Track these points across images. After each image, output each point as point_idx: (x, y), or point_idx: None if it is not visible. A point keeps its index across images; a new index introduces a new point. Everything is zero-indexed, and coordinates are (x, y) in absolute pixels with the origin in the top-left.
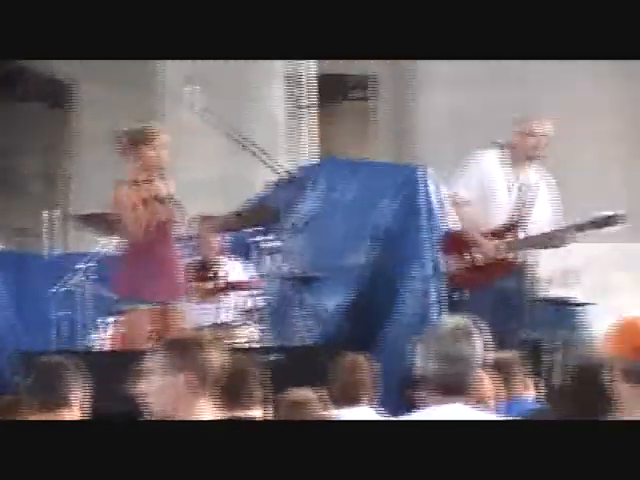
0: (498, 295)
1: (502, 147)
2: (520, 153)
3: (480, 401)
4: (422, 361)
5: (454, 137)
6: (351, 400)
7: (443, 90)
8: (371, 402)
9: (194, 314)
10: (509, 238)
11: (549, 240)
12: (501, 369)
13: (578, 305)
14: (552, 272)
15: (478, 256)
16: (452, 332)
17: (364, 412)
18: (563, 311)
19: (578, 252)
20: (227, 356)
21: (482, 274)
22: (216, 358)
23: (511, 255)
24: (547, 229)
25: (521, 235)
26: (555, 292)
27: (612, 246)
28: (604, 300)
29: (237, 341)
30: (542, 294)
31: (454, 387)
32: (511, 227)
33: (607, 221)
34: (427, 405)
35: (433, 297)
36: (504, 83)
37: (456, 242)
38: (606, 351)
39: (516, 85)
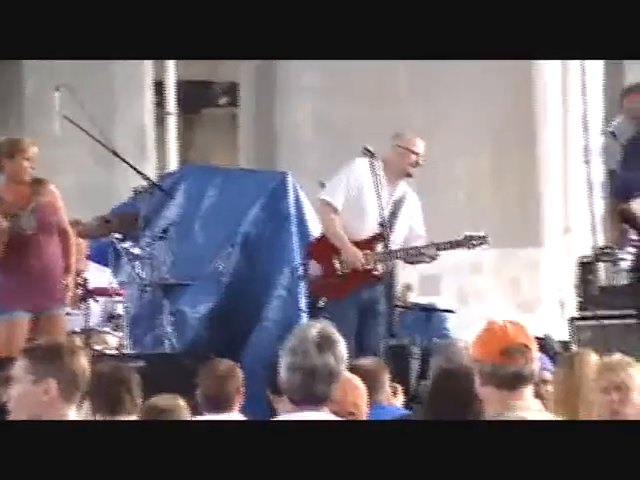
0: (362, 302)
1: (373, 155)
2: (397, 168)
3: (345, 409)
4: (285, 369)
5: (317, 145)
6: (218, 407)
7: (307, 98)
8: (238, 409)
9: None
10: (377, 249)
11: (413, 256)
12: (366, 377)
13: (439, 311)
14: (413, 279)
15: (344, 264)
16: (315, 340)
17: (231, 419)
18: (425, 317)
19: (439, 259)
20: (93, 362)
21: (346, 282)
22: (81, 365)
23: (377, 266)
24: (412, 244)
25: (389, 248)
26: (417, 299)
27: (472, 252)
28: (465, 306)
29: (105, 347)
30: (405, 301)
31: (317, 395)
32: (380, 239)
33: (468, 242)
34: (290, 413)
35: (300, 304)
36: (367, 93)
37: (322, 249)
38: (473, 355)
39: (380, 96)
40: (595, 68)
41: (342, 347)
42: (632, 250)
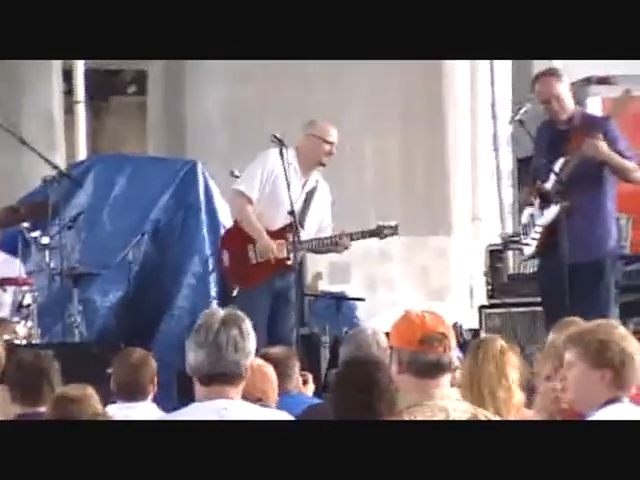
0: (274, 291)
1: (283, 144)
2: (311, 157)
3: (253, 394)
4: (191, 349)
5: (227, 131)
6: (132, 395)
7: (217, 85)
8: (150, 397)
9: None
10: (290, 239)
11: (326, 245)
12: (276, 365)
13: (349, 299)
14: (323, 267)
15: (257, 254)
16: (220, 318)
17: (145, 407)
18: (336, 306)
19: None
20: (11, 351)
21: (259, 272)
22: None
23: (290, 256)
24: (324, 234)
25: (301, 237)
26: (327, 287)
27: (383, 241)
28: (375, 294)
29: (14, 337)
30: (315, 289)
31: (225, 373)
32: (293, 228)
33: (379, 231)
34: (200, 400)
35: (210, 292)
36: (279, 80)
37: (236, 239)
38: (391, 343)
39: (292, 83)
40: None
41: (248, 324)
42: (535, 236)
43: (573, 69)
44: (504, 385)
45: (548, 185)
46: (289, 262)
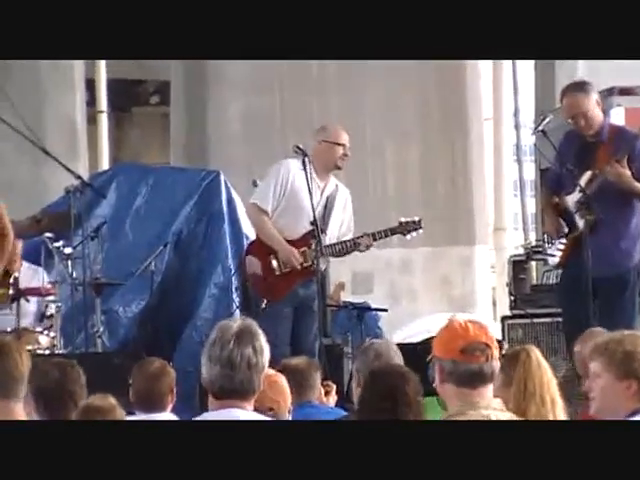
0: (298, 300)
1: (305, 154)
2: (326, 163)
3: (264, 404)
4: (205, 362)
5: (248, 143)
6: (150, 406)
7: (238, 96)
8: (170, 408)
9: None
10: (313, 246)
11: (349, 248)
12: (296, 375)
13: (372, 310)
14: (346, 278)
15: (281, 264)
16: (233, 333)
17: (164, 418)
18: (358, 316)
19: (371, 257)
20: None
21: (285, 282)
22: (15, 362)
23: (313, 262)
24: (346, 237)
25: (323, 243)
26: (349, 298)
27: (403, 251)
28: (397, 304)
29: (37, 347)
30: (337, 300)
31: (238, 389)
32: (315, 235)
33: (403, 228)
34: (214, 409)
35: (232, 303)
36: (299, 91)
37: (259, 251)
38: (433, 353)
39: (312, 94)
40: (526, 68)
41: (262, 339)
42: (561, 247)
43: (596, 80)
44: (552, 392)
45: (572, 197)
46: (310, 269)
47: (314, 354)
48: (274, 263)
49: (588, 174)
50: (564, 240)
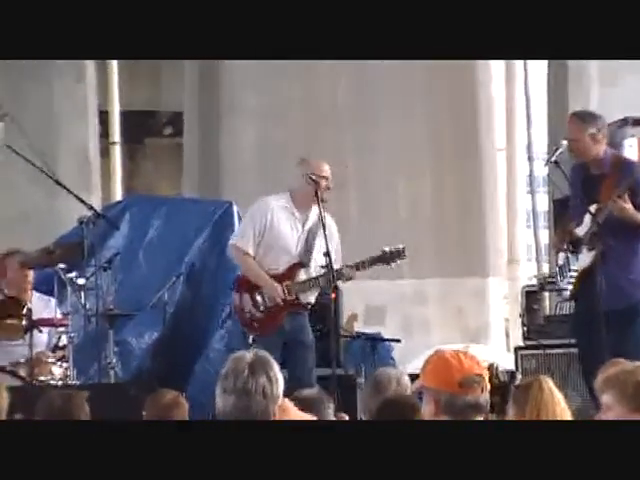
0: (285, 334)
1: (319, 185)
2: (308, 196)
3: None
4: (219, 394)
5: (261, 173)
6: None
7: (250, 126)
8: None
9: (7, 351)
10: (298, 279)
11: (329, 280)
12: (308, 407)
13: (385, 341)
14: (359, 309)
15: (266, 299)
16: (247, 363)
17: None
18: (371, 347)
19: (383, 289)
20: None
21: (272, 316)
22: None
23: (297, 296)
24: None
25: (307, 275)
26: (362, 329)
27: (416, 282)
28: (410, 336)
29: (50, 378)
30: (350, 330)
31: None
32: (299, 267)
33: (385, 256)
34: None
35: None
36: (311, 120)
37: (246, 287)
38: (427, 385)
39: (324, 124)
40: (539, 98)
41: (276, 369)
42: (571, 280)
43: (609, 111)
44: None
45: (581, 229)
46: (301, 302)
47: (312, 385)
48: (259, 299)
49: (594, 206)
50: (574, 274)
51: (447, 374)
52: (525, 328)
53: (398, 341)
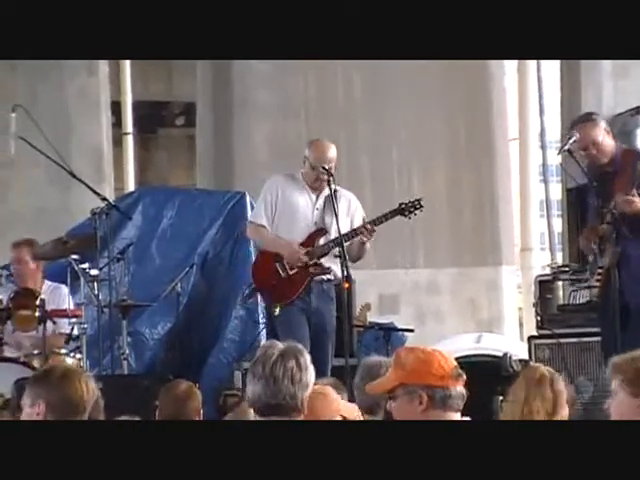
0: (311, 312)
1: (331, 175)
2: (311, 181)
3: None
4: (249, 381)
5: (274, 166)
6: None
7: (263, 120)
8: None
9: (21, 342)
10: (316, 244)
11: (352, 238)
12: None
13: (399, 330)
14: (372, 299)
15: (287, 265)
16: (277, 350)
17: None
18: (384, 337)
19: (397, 279)
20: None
21: (293, 282)
22: (73, 386)
23: (318, 260)
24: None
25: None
26: (375, 319)
27: (430, 272)
28: (423, 326)
29: None
30: (363, 320)
31: (281, 404)
32: (319, 234)
33: (403, 209)
34: None
35: (258, 324)
36: (324, 114)
37: (264, 264)
38: (420, 382)
39: (337, 119)
40: (552, 87)
41: (307, 357)
42: (599, 277)
43: (622, 100)
44: (559, 412)
45: (604, 227)
46: (316, 266)
47: (326, 374)
48: (279, 267)
49: (612, 204)
50: (600, 270)
51: (438, 369)
52: (539, 317)
53: (411, 331)
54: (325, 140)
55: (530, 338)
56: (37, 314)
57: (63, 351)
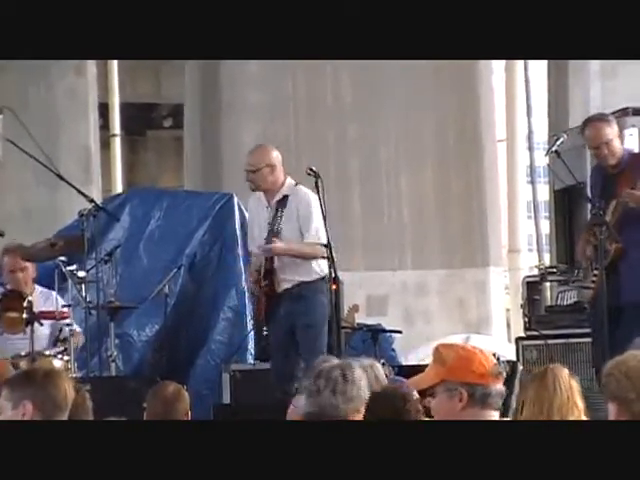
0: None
1: (318, 176)
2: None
3: None
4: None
5: None
6: None
7: (251, 121)
8: None
9: (8, 344)
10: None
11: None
12: None
13: (386, 332)
14: (360, 300)
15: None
16: (327, 367)
17: None
18: (372, 338)
19: (385, 280)
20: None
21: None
22: (58, 385)
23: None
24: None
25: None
26: (363, 320)
27: (417, 273)
28: (412, 327)
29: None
30: (351, 322)
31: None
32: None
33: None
34: None
35: (246, 325)
36: (312, 116)
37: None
38: (460, 379)
39: (327, 119)
40: (539, 88)
41: (356, 371)
42: (594, 279)
43: (610, 101)
44: (575, 414)
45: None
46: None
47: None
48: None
49: (613, 204)
50: (596, 272)
51: (479, 366)
52: (526, 318)
53: (399, 332)
54: (262, 144)
55: (518, 339)
56: (25, 316)
57: (51, 353)
